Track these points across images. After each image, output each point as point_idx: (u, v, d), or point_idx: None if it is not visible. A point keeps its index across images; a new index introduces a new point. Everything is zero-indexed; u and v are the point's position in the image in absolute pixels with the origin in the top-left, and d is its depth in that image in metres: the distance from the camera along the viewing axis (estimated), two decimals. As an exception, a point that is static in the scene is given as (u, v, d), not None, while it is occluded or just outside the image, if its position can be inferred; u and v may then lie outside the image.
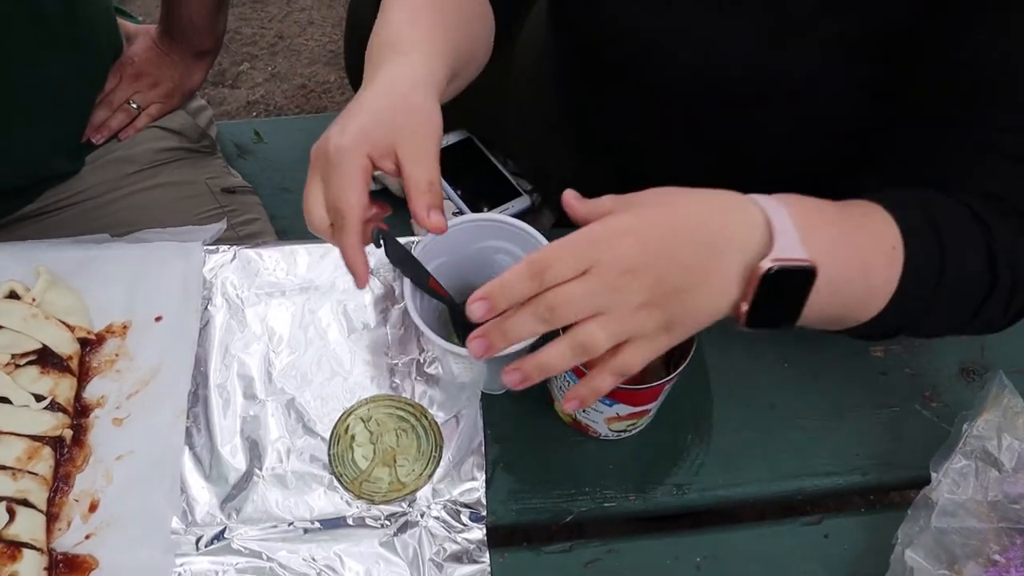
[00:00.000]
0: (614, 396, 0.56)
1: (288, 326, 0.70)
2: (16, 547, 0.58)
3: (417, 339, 0.69)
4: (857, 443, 0.65)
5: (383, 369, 0.68)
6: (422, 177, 0.50)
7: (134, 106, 1.00)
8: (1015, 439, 0.59)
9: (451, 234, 0.54)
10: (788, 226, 0.46)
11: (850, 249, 0.49)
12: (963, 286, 0.51)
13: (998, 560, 0.57)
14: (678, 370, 0.54)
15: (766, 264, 0.44)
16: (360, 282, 0.52)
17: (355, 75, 1.20)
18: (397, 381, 0.67)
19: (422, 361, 0.68)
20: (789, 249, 0.45)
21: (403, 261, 0.54)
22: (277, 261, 0.73)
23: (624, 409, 0.58)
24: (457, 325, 0.58)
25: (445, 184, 0.95)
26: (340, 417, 0.65)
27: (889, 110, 0.59)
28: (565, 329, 0.46)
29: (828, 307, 0.49)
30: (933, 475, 0.59)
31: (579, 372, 0.53)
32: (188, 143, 1.05)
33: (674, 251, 0.45)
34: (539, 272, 0.44)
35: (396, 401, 0.66)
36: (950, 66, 0.55)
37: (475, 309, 0.46)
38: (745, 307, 0.46)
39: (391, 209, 0.55)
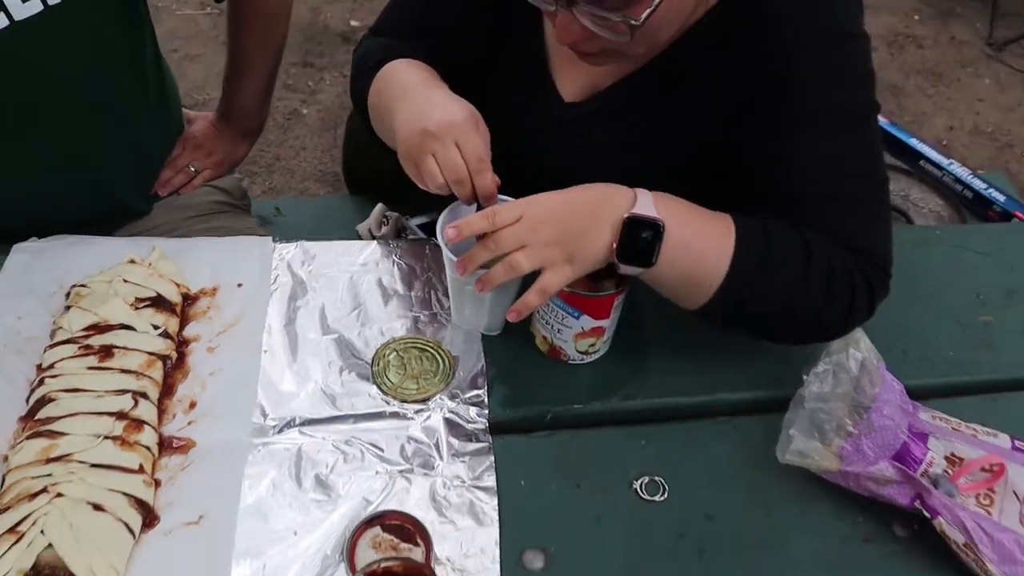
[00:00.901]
0: (579, 306, 0.81)
1: (337, 293, 0.94)
2: (139, 423, 0.78)
3: (433, 298, 0.93)
4: (762, 367, 0.89)
5: (409, 320, 0.91)
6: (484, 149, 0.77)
7: (193, 169, 1.26)
8: (857, 351, 0.84)
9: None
10: (648, 199, 0.74)
11: (694, 223, 0.76)
12: (787, 253, 0.75)
13: (852, 431, 0.81)
14: (625, 285, 0.80)
15: (626, 215, 0.72)
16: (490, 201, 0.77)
17: (351, 175, 1.50)
18: (420, 328, 0.91)
19: (438, 314, 0.92)
20: (644, 209, 0.73)
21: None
22: (328, 252, 0.98)
23: (588, 322, 0.82)
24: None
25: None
26: (379, 349, 0.88)
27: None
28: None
29: (677, 260, 0.74)
30: (805, 378, 0.84)
31: (571, 300, 0.78)
32: (233, 199, 1.31)
33: (573, 211, 0.74)
34: (490, 216, 0.73)
35: (419, 339, 0.89)
36: (760, 149, 0.80)
37: (448, 232, 0.74)
38: (615, 246, 0.73)
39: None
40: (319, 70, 2.63)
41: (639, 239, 0.72)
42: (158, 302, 0.88)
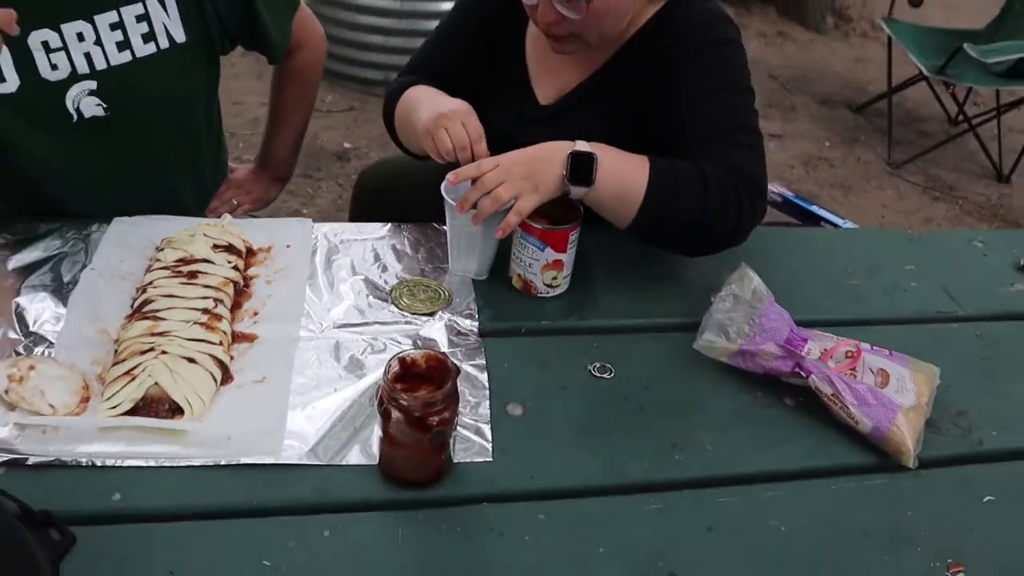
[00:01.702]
0: (544, 239, 1.10)
1: (362, 253, 1.22)
2: (218, 316, 1.04)
3: (435, 257, 1.22)
4: (681, 296, 1.18)
5: (417, 271, 1.20)
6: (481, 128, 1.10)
7: (235, 203, 1.57)
8: (751, 282, 1.13)
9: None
10: (584, 145, 1.07)
11: (619, 156, 1.09)
12: (686, 180, 1.08)
13: (748, 333, 1.09)
14: (576, 222, 1.10)
15: (569, 151, 1.05)
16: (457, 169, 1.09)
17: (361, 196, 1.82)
18: (425, 275, 1.19)
19: (439, 267, 1.21)
20: (581, 148, 1.06)
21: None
22: (354, 229, 1.28)
23: (551, 254, 1.12)
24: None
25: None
26: (394, 285, 1.16)
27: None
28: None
29: (608, 182, 1.06)
30: (712, 299, 1.13)
31: (540, 236, 1.08)
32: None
33: (535, 156, 1.07)
34: (478, 166, 1.05)
35: (425, 279, 1.18)
36: (674, 122, 1.16)
37: (449, 177, 1.06)
38: (564, 173, 1.05)
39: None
40: (317, 180, 3.02)
41: (580, 166, 1.05)
42: (229, 248, 1.16)
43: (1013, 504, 0.94)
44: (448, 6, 2.67)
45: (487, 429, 0.96)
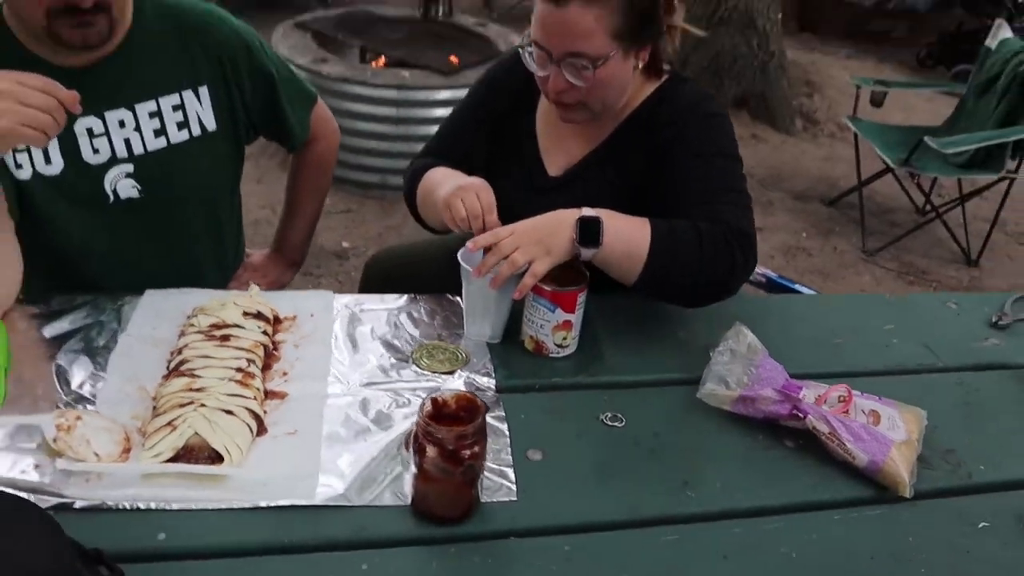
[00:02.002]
0: (555, 300, 1.19)
1: (381, 321, 1.30)
2: (251, 375, 1.11)
3: (450, 324, 1.30)
4: (681, 354, 1.26)
5: (434, 336, 1.28)
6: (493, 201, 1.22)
7: (252, 285, 1.65)
8: (745, 338, 1.22)
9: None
10: (589, 211, 1.17)
11: (622, 219, 1.19)
12: (685, 240, 1.19)
13: (746, 381, 1.17)
14: (583, 285, 1.19)
15: (577, 217, 1.16)
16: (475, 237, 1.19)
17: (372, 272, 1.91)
18: (443, 339, 1.27)
19: (454, 332, 1.29)
20: (588, 213, 1.17)
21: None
22: (372, 299, 1.36)
23: (561, 315, 1.20)
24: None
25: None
26: (415, 348, 1.23)
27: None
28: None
29: (615, 244, 1.17)
30: (711, 355, 1.21)
31: (551, 297, 1.17)
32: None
33: (545, 223, 1.18)
34: (494, 234, 1.16)
35: (443, 343, 1.25)
36: (671, 186, 1.29)
37: (469, 244, 1.16)
38: (574, 237, 1.15)
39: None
40: (317, 277, 3.11)
41: (588, 230, 1.15)
42: (258, 315, 1.23)
43: (1006, 528, 1.00)
44: (442, 113, 2.89)
45: (510, 472, 1.02)
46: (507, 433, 1.08)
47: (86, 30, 1.19)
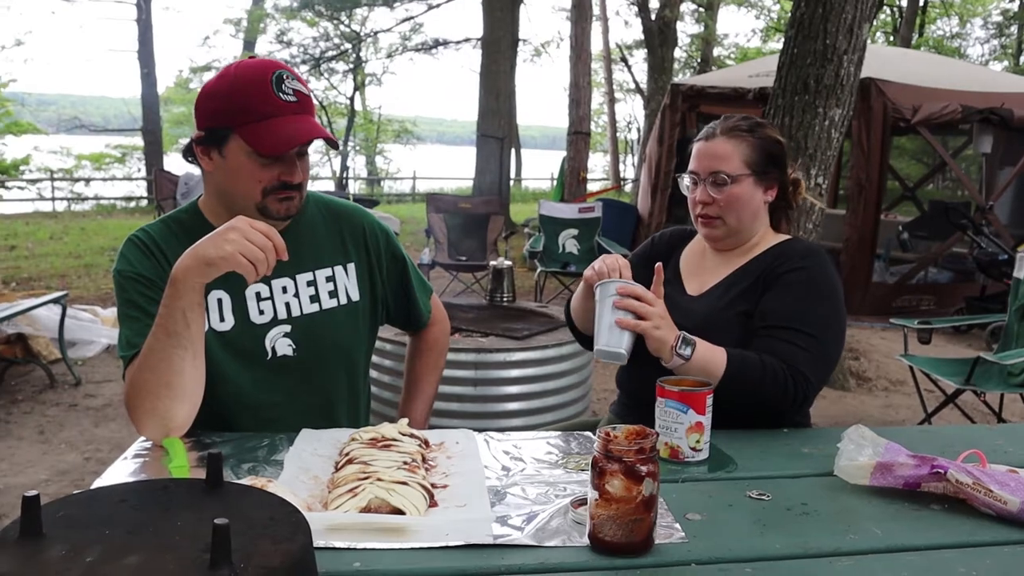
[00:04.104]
0: (686, 401, 1.29)
1: (528, 444, 1.39)
2: (415, 468, 1.19)
3: (585, 447, 1.39)
4: (812, 457, 1.32)
5: (574, 453, 1.36)
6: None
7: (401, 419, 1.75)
8: (865, 434, 1.29)
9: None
10: (687, 334, 1.39)
11: (708, 345, 1.41)
12: (751, 371, 1.40)
13: (881, 452, 1.22)
14: (710, 387, 1.31)
15: (679, 333, 1.37)
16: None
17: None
18: (584, 456, 1.35)
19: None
20: (685, 333, 1.38)
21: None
22: (507, 435, 1.46)
23: (693, 416, 1.29)
24: None
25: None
26: (563, 459, 1.31)
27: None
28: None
29: (700, 360, 1.40)
30: (837, 446, 1.27)
31: (681, 398, 1.29)
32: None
33: (668, 321, 1.40)
34: (644, 290, 1.38)
35: (585, 455, 1.33)
36: (763, 312, 1.51)
37: (620, 287, 1.39)
38: (675, 344, 1.37)
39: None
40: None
41: (683, 343, 1.39)
42: (412, 436, 1.34)
43: None
44: (518, 374, 3.17)
45: (677, 525, 1.07)
46: (665, 504, 1.13)
47: (289, 203, 1.46)
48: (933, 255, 6.94)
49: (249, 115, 1.40)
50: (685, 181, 1.65)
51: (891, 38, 18.93)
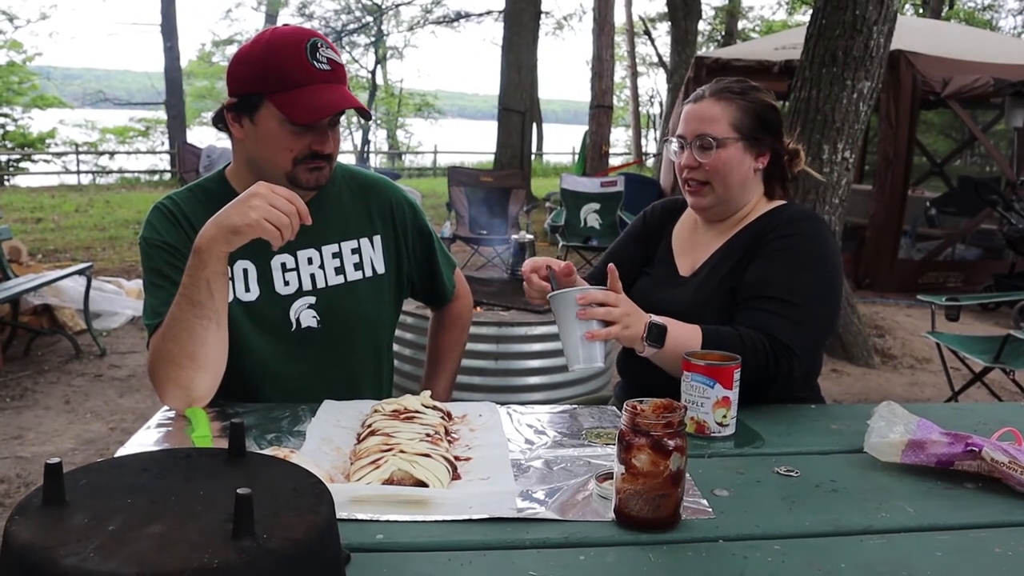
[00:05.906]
0: (713, 375, 1.27)
1: (545, 419, 1.38)
2: (438, 440, 1.18)
3: (607, 419, 1.37)
4: (841, 433, 1.30)
5: (596, 426, 1.34)
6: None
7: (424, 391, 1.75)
8: (896, 410, 1.26)
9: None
10: (657, 319, 1.34)
11: (680, 326, 1.36)
12: (727, 346, 1.33)
13: (914, 428, 1.19)
14: (737, 362, 1.28)
15: (648, 321, 1.32)
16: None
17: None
18: (606, 429, 1.33)
19: (616, 427, 1.35)
20: (655, 320, 1.33)
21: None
22: (529, 407, 1.44)
23: (720, 391, 1.27)
24: None
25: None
26: (585, 432, 1.30)
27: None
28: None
29: (674, 344, 1.33)
30: (867, 423, 1.25)
31: (708, 372, 1.27)
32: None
33: (635, 312, 1.34)
34: (605, 293, 1.31)
35: (608, 429, 1.32)
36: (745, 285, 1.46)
37: (580, 296, 1.30)
38: (644, 334, 1.32)
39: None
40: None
41: (653, 331, 1.33)
42: (435, 408, 1.33)
43: None
44: (540, 348, 3.17)
45: (704, 500, 1.05)
46: (691, 479, 1.11)
47: (318, 173, 1.45)
48: (961, 231, 6.82)
49: (282, 82, 1.37)
50: (672, 146, 1.57)
51: (920, 10, 18.50)
